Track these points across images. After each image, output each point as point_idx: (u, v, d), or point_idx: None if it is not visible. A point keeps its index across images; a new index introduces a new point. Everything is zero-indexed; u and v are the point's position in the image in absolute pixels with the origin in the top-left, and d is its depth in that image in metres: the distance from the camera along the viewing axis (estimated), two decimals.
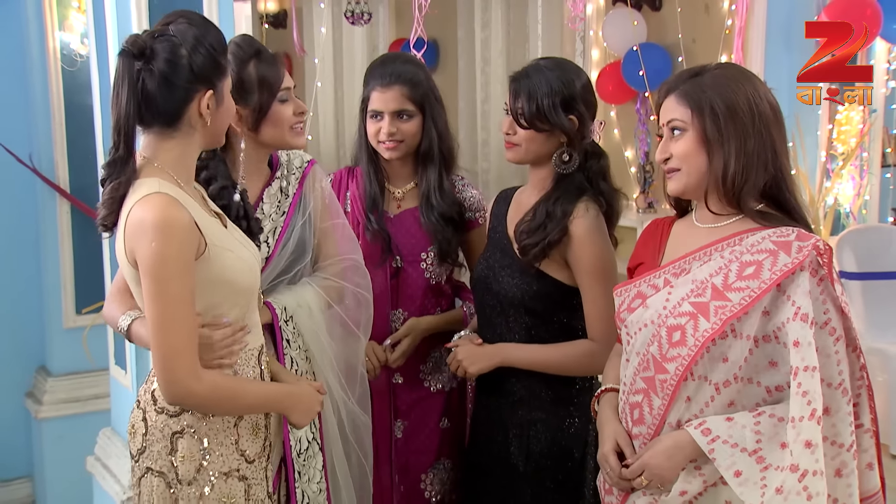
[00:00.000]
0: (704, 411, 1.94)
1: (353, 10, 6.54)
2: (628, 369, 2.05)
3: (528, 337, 2.47)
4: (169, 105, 1.98)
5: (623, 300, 2.10)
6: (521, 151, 2.46)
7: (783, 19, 5.04)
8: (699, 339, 1.91)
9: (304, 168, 2.51)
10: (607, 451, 2.06)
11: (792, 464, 1.81)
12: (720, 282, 1.93)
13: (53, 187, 4.13)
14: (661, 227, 2.19)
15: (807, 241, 1.91)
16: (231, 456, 2.07)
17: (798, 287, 1.88)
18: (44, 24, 4.07)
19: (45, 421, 4.19)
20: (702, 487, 1.93)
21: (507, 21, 6.95)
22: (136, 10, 2.84)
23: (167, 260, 1.92)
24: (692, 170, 1.98)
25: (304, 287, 2.43)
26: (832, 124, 5.06)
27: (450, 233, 2.71)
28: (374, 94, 2.67)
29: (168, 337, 1.94)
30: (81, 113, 3.96)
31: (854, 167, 5.19)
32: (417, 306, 2.73)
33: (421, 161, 2.71)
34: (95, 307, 4.07)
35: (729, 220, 2.01)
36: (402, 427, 2.75)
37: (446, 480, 2.78)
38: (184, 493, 2.04)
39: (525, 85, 2.42)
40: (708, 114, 1.94)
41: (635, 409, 2.03)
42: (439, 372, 2.77)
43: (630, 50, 5.30)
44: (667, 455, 1.94)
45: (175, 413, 2.04)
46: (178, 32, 1.99)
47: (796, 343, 1.85)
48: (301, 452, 2.33)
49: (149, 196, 1.94)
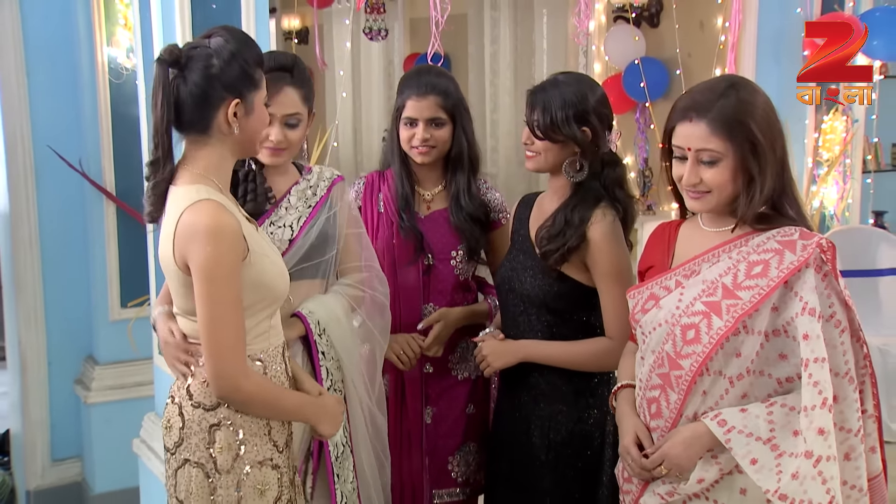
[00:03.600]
0: (719, 403, 1.93)
1: (371, 27, 6.55)
2: (644, 367, 2.03)
3: (550, 334, 2.45)
4: (198, 111, 1.98)
5: (637, 302, 2.08)
6: (539, 160, 2.44)
7: (772, 35, 5.03)
8: (714, 336, 1.89)
9: (333, 179, 2.53)
10: (628, 443, 2.04)
11: (807, 450, 1.80)
12: (730, 281, 1.91)
13: (101, 190, 4.13)
14: (668, 230, 2.16)
15: (810, 240, 1.90)
16: (265, 446, 2.06)
17: (805, 283, 1.86)
18: (93, 40, 4.08)
19: (94, 406, 4.20)
20: (718, 475, 1.92)
21: (514, 37, 6.96)
22: (181, 26, 2.83)
23: (220, 264, 1.92)
24: (725, 194, 1.95)
25: (335, 297, 2.44)
26: (818, 133, 5.06)
27: (478, 232, 2.70)
28: (410, 102, 2.65)
29: (220, 336, 1.93)
30: (127, 122, 3.99)
31: (838, 173, 5.18)
32: (447, 301, 2.71)
33: (451, 166, 2.70)
34: (139, 301, 4.09)
35: (735, 224, 1.99)
36: (432, 413, 2.74)
37: (472, 462, 2.77)
38: (222, 481, 2.02)
39: (541, 98, 2.40)
40: (748, 148, 1.90)
41: (653, 404, 2.01)
42: (466, 361, 2.75)
43: (630, 63, 5.30)
44: (685, 445, 1.92)
45: (211, 407, 2.02)
46: (215, 45, 1.98)
47: (806, 336, 1.83)
48: (338, 457, 2.34)
49: (199, 203, 1.94)
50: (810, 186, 4.99)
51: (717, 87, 1.95)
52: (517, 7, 6.92)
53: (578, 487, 2.43)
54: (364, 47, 8.40)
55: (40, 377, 4.32)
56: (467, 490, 2.77)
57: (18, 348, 4.32)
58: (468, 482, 2.77)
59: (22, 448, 4.42)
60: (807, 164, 5.02)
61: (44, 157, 4.17)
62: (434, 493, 2.74)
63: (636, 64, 5.21)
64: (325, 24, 8.20)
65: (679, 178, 1.99)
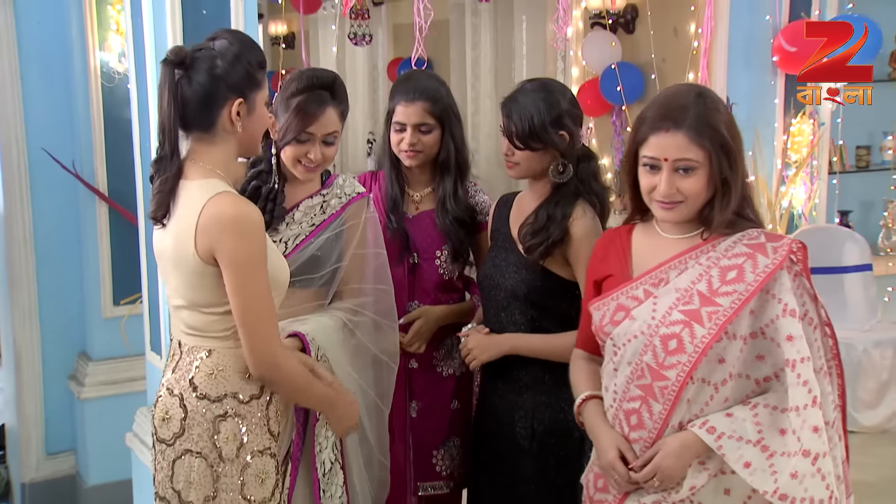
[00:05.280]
0: (704, 410, 1.88)
1: (355, 33, 6.53)
2: (618, 378, 1.95)
3: (533, 328, 2.46)
4: (202, 111, 1.99)
5: (603, 314, 2.00)
6: (520, 169, 2.45)
7: (743, 41, 5.06)
8: (698, 345, 1.84)
9: (352, 196, 2.45)
10: (613, 458, 1.94)
11: (804, 449, 1.79)
12: (705, 288, 1.87)
13: (93, 191, 4.10)
14: (618, 237, 2.09)
15: (779, 242, 1.89)
16: (264, 436, 2.07)
17: (782, 286, 1.85)
18: (86, 45, 4.05)
19: (87, 401, 4.17)
20: (707, 480, 1.88)
21: (495, 42, 6.96)
22: (172, 31, 2.81)
23: (252, 254, 1.94)
24: (698, 202, 1.91)
25: (333, 319, 2.36)
26: (787, 135, 5.08)
27: (462, 234, 2.70)
28: (399, 107, 2.64)
29: (260, 322, 1.96)
30: (119, 125, 3.96)
31: (805, 174, 5.21)
32: (432, 299, 2.71)
33: (439, 170, 2.70)
34: (131, 299, 4.07)
35: (699, 230, 1.95)
36: (417, 407, 2.74)
37: (456, 457, 2.77)
38: (226, 470, 2.03)
39: (515, 109, 2.39)
40: (723, 154, 1.87)
41: (632, 416, 1.93)
42: (451, 358, 2.75)
43: (607, 68, 5.29)
44: (676, 456, 1.86)
45: (217, 398, 2.03)
46: (219, 47, 2.00)
47: (790, 337, 1.81)
48: (325, 473, 2.29)
49: (221, 195, 1.95)
50: (779, 187, 5.02)
51: (686, 96, 1.91)
52: (497, 13, 6.92)
53: (561, 475, 2.43)
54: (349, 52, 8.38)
55: (35, 373, 4.29)
56: (451, 483, 2.77)
57: (13, 345, 4.29)
58: (452, 476, 2.77)
59: (17, 442, 4.39)
60: (776, 165, 5.05)
61: (38, 159, 4.14)
62: (419, 485, 2.74)
63: (612, 69, 5.20)
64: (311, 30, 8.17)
65: (651, 189, 1.92)
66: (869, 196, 5.93)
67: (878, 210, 5.86)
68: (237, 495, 2.03)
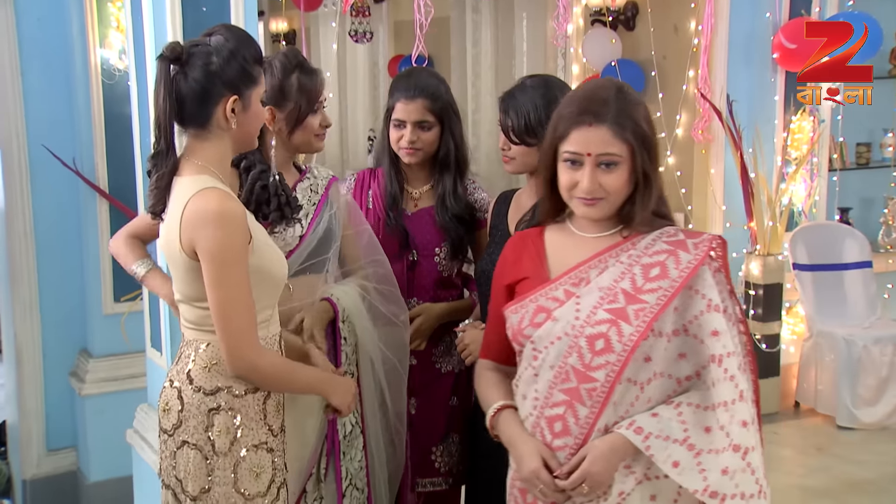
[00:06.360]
0: (630, 412, 1.81)
1: (356, 30, 6.53)
2: (539, 384, 1.85)
3: None
4: (198, 107, 1.98)
5: (522, 317, 1.89)
6: (517, 164, 2.44)
7: (743, 39, 5.06)
8: (627, 343, 1.77)
9: (329, 179, 2.54)
10: (537, 467, 1.82)
11: (734, 444, 1.75)
12: (629, 286, 1.81)
13: (94, 188, 4.09)
14: (529, 240, 2.02)
15: (699, 238, 1.86)
16: (261, 430, 2.06)
17: (704, 281, 1.82)
18: (87, 42, 4.03)
19: (88, 398, 4.16)
20: (634, 484, 1.82)
21: (495, 39, 6.95)
22: (172, 28, 2.80)
23: (230, 248, 1.92)
24: (620, 198, 1.86)
25: (352, 287, 2.47)
26: (787, 133, 5.08)
27: (461, 231, 2.70)
28: (399, 104, 2.63)
29: (234, 318, 1.94)
30: (119, 121, 3.93)
31: (805, 171, 5.21)
32: (430, 296, 2.70)
33: (438, 167, 2.69)
34: (132, 296, 4.05)
35: (616, 228, 1.91)
36: (416, 404, 2.73)
37: (455, 454, 2.76)
38: (219, 463, 2.02)
39: (512, 104, 2.38)
40: (644, 149, 1.83)
41: (556, 422, 1.83)
42: (449, 355, 2.74)
43: (607, 65, 5.29)
44: (605, 459, 1.78)
45: (211, 391, 2.02)
46: (215, 43, 1.99)
47: (715, 332, 1.78)
48: (346, 435, 2.35)
49: (205, 190, 1.94)
50: (780, 184, 5.01)
51: (607, 91, 1.86)
52: (498, 10, 6.92)
53: None
54: (350, 49, 8.38)
55: (36, 370, 4.27)
56: (450, 480, 2.76)
57: (14, 342, 4.28)
58: (451, 472, 2.76)
59: (18, 438, 4.38)
60: (776, 162, 5.04)
61: (38, 156, 4.12)
62: (417, 481, 2.73)
63: (613, 66, 5.20)
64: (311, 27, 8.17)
65: (572, 186, 1.86)
66: (869, 193, 5.93)
67: (879, 207, 5.86)
68: (230, 489, 2.02)
